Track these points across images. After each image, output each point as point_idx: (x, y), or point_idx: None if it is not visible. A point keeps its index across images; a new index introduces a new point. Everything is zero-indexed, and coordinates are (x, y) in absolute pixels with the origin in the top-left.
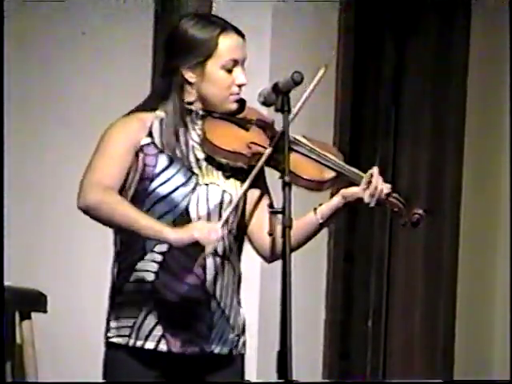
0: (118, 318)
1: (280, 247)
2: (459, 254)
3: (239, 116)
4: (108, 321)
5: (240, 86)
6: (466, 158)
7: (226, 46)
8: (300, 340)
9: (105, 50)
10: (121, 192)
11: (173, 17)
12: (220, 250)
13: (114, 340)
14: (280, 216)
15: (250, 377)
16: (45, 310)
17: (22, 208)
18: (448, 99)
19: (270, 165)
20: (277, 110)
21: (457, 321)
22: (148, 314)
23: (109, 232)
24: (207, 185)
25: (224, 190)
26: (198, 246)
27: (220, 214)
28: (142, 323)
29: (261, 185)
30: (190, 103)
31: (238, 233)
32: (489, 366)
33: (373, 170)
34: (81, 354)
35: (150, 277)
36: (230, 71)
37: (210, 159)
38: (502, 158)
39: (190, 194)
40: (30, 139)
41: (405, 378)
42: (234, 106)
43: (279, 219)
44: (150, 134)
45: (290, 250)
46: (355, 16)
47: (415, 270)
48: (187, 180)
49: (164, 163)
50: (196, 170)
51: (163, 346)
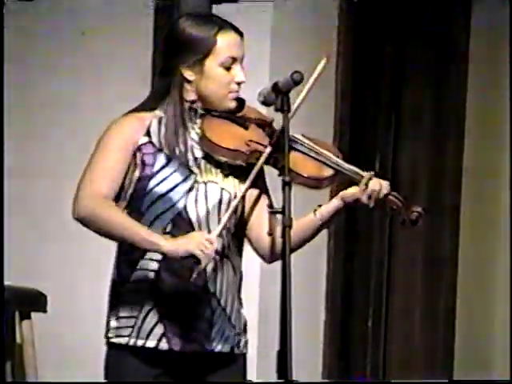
0: (118, 318)
1: (279, 247)
2: (459, 253)
3: (238, 115)
4: (108, 321)
5: (239, 84)
6: (465, 158)
7: (224, 43)
8: (300, 340)
9: (105, 50)
10: (120, 192)
11: (173, 17)
12: (219, 247)
13: (115, 340)
14: (279, 216)
15: (250, 377)
16: (45, 310)
17: (22, 208)
18: (448, 99)
19: (268, 163)
20: (276, 109)
21: (457, 320)
22: (148, 313)
23: None
24: (206, 183)
25: (223, 188)
26: (194, 257)
27: (219, 212)
28: (142, 322)
29: (260, 184)
30: (190, 102)
31: (237, 232)
32: (489, 366)
33: (370, 173)
34: (81, 354)
35: (151, 275)
36: (228, 69)
37: (208, 158)
38: (502, 157)
39: (188, 192)
40: (30, 139)
41: (405, 378)
42: (233, 104)
43: (279, 219)
44: (148, 134)
45: (290, 251)
46: (355, 16)
47: (415, 269)
48: (185, 178)
49: (162, 162)
50: (194, 169)
51: (164, 345)
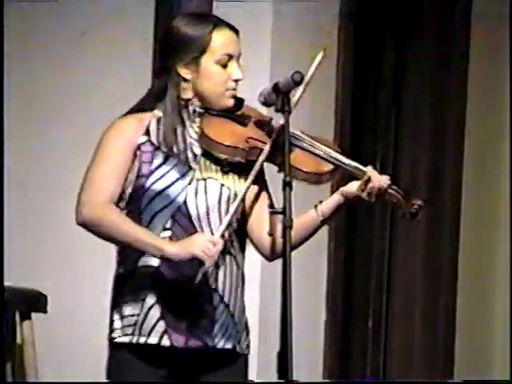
0: (121, 318)
1: (280, 247)
2: (459, 253)
3: (237, 113)
4: (111, 321)
5: (236, 81)
6: (465, 158)
7: (220, 40)
8: (300, 340)
9: (105, 49)
10: (121, 192)
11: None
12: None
13: (119, 340)
14: (280, 216)
15: (251, 377)
16: (45, 310)
17: (22, 208)
18: (448, 99)
19: (268, 160)
20: (277, 110)
21: (457, 321)
22: (150, 310)
23: None
24: (205, 180)
25: (222, 185)
26: (197, 260)
27: (219, 208)
28: (144, 319)
29: (261, 184)
30: (188, 100)
31: (239, 229)
32: (489, 366)
33: (368, 168)
34: (81, 354)
35: (152, 272)
36: (225, 66)
37: (207, 155)
38: (502, 157)
39: (187, 188)
40: (30, 139)
41: (405, 378)
42: (231, 102)
43: (279, 218)
44: (147, 133)
45: (291, 248)
46: (355, 16)
47: (415, 270)
48: (184, 175)
49: (160, 159)
50: (194, 166)
51: (166, 341)
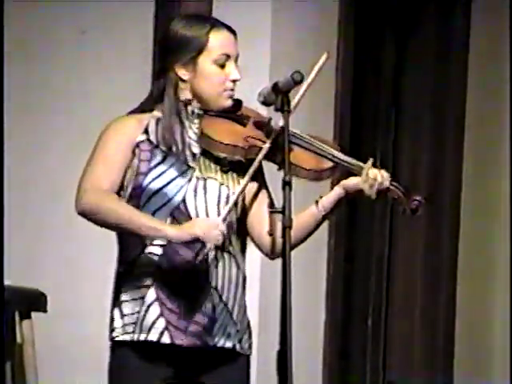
0: (122, 317)
1: (281, 245)
2: (459, 253)
3: (236, 114)
4: (112, 320)
5: (234, 82)
6: (465, 157)
7: (217, 41)
8: (300, 339)
9: (105, 49)
10: (120, 190)
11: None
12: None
13: (120, 338)
14: (280, 215)
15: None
16: (45, 310)
17: (22, 207)
18: (448, 99)
19: (268, 158)
20: (276, 109)
21: (457, 320)
22: (149, 308)
23: (110, 232)
24: (205, 179)
25: (222, 183)
26: (200, 241)
27: (218, 207)
28: (144, 317)
29: (260, 183)
30: (187, 101)
31: (239, 229)
32: (489, 366)
33: (368, 163)
34: (81, 354)
35: (151, 270)
36: (222, 67)
37: (207, 154)
38: (502, 156)
39: (186, 186)
40: (30, 139)
41: (405, 378)
42: (229, 103)
43: (279, 217)
44: (146, 132)
45: (291, 248)
46: (355, 16)
47: (415, 270)
48: (182, 173)
49: (158, 158)
50: (193, 165)
51: (166, 339)
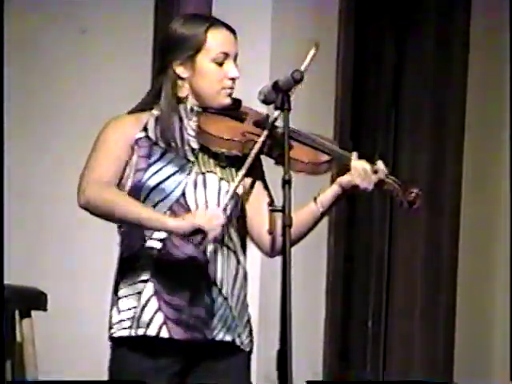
0: (119, 312)
1: (280, 244)
2: (459, 253)
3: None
4: (110, 317)
5: (233, 80)
6: (465, 158)
7: (215, 39)
8: (300, 339)
9: (105, 48)
10: (118, 187)
11: (173, 17)
12: (219, 236)
13: (117, 334)
14: (280, 213)
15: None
16: (45, 309)
17: (22, 207)
18: (448, 99)
19: (264, 153)
20: (277, 108)
21: (457, 321)
22: (147, 303)
23: (109, 231)
24: (204, 174)
25: (221, 178)
26: (201, 232)
27: (218, 201)
28: (141, 312)
29: (260, 181)
30: (185, 99)
31: (238, 225)
32: (489, 366)
33: (353, 156)
34: (80, 352)
35: (150, 264)
36: (221, 65)
37: (205, 150)
38: (502, 157)
39: (185, 180)
40: (30, 139)
41: (405, 378)
42: (227, 101)
43: (279, 216)
44: (145, 129)
45: (292, 244)
46: (355, 16)
47: (415, 270)
48: (181, 168)
49: (157, 154)
50: (192, 159)
51: (165, 333)
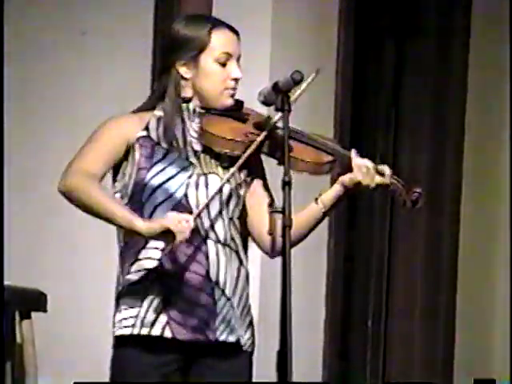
0: (121, 311)
1: (281, 244)
2: (459, 253)
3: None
4: (114, 315)
5: (235, 81)
6: (465, 158)
7: (219, 39)
8: (300, 340)
9: (105, 49)
10: (122, 188)
11: (173, 17)
12: (221, 237)
13: (119, 333)
14: (280, 214)
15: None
16: (45, 310)
17: (22, 208)
18: (448, 99)
19: (266, 153)
20: (277, 109)
21: (457, 321)
22: (152, 302)
23: (109, 231)
24: (206, 174)
25: (223, 179)
26: (169, 234)
27: (220, 202)
28: (146, 312)
29: (261, 182)
30: (188, 99)
31: (240, 225)
32: (489, 366)
33: (352, 154)
34: (81, 353)
35: (153, 264)
36: (224, 65)
37: (207, 151)
38: (502, 157)
39: (188, 182)
40: (30, 139)
41: (405, 379)
42: (230, 102)
43: (279, 217)
44: (147, 129)
45: (293, 244)
46: (355, 16)
47: (415, 270)
48: (183, 169)
49: (160, 154)
50: (194, 161)
51: (168, 333)
